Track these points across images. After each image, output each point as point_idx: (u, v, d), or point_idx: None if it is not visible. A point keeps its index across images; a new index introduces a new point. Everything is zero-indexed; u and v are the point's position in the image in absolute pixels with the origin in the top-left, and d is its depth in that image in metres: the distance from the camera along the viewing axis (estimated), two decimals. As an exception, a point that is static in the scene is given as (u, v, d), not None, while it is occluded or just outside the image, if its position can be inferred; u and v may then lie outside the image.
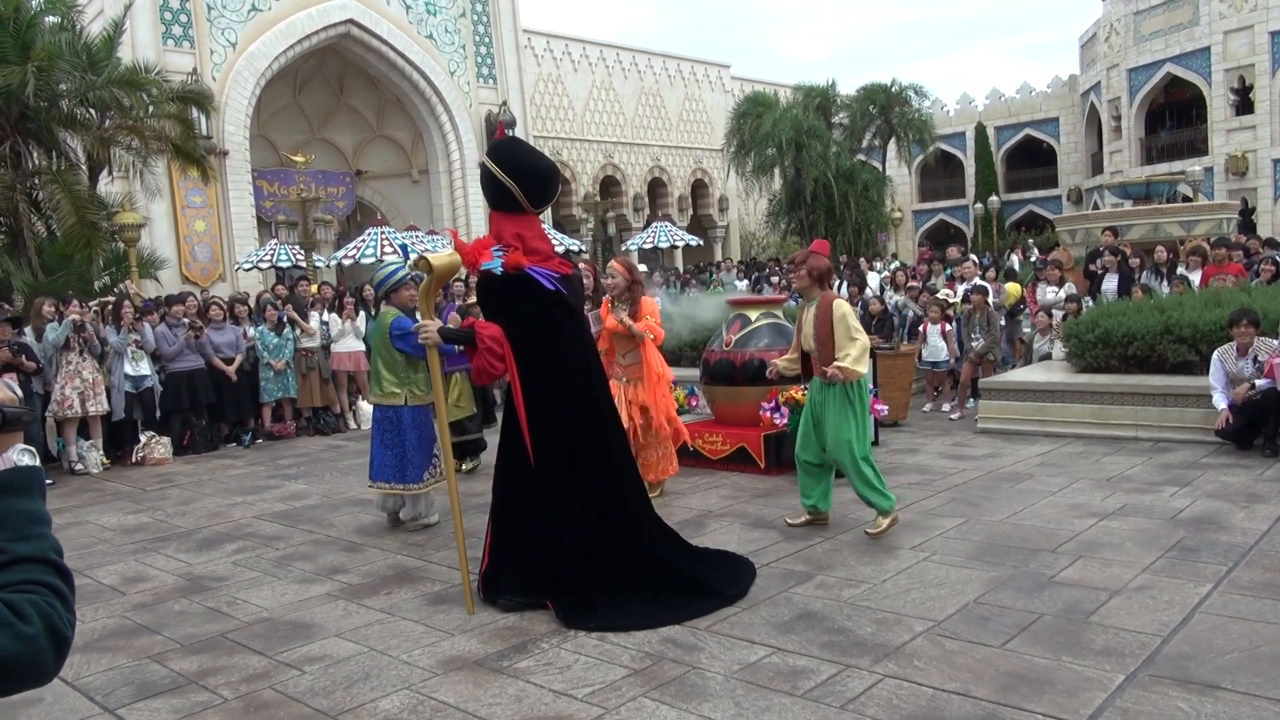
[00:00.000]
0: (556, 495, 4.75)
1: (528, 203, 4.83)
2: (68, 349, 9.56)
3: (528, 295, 4.73)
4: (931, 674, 3.71)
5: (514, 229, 4.82)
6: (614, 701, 3.64)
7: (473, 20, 27.02)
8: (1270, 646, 3.79)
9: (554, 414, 4.78)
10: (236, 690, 3.96)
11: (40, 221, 13.89)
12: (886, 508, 5.67)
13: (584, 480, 4.79)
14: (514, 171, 4.78)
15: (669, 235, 27.02)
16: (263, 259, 20.08)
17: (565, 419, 4.79)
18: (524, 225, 4.86)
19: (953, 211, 40.96)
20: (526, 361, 4.75)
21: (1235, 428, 7.48)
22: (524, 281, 4.72)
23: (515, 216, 4.85)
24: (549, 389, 4.78)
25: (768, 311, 8.25)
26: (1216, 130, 30.47)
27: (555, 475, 4.76)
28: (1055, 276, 12.18)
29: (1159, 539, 5.31)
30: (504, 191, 4.79)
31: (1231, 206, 19.16)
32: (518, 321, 4.74)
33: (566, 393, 4.81)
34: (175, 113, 15.24)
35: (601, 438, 4.90)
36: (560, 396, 4.79)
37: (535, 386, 4.77)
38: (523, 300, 4.74)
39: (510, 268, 4.71)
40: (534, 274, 4.72)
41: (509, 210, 4.86)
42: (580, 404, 4.84)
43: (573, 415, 4.81)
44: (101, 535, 6.95)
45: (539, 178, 4.90)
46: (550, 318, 4.78)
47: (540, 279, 4.72)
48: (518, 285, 4.73)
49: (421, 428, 6.53)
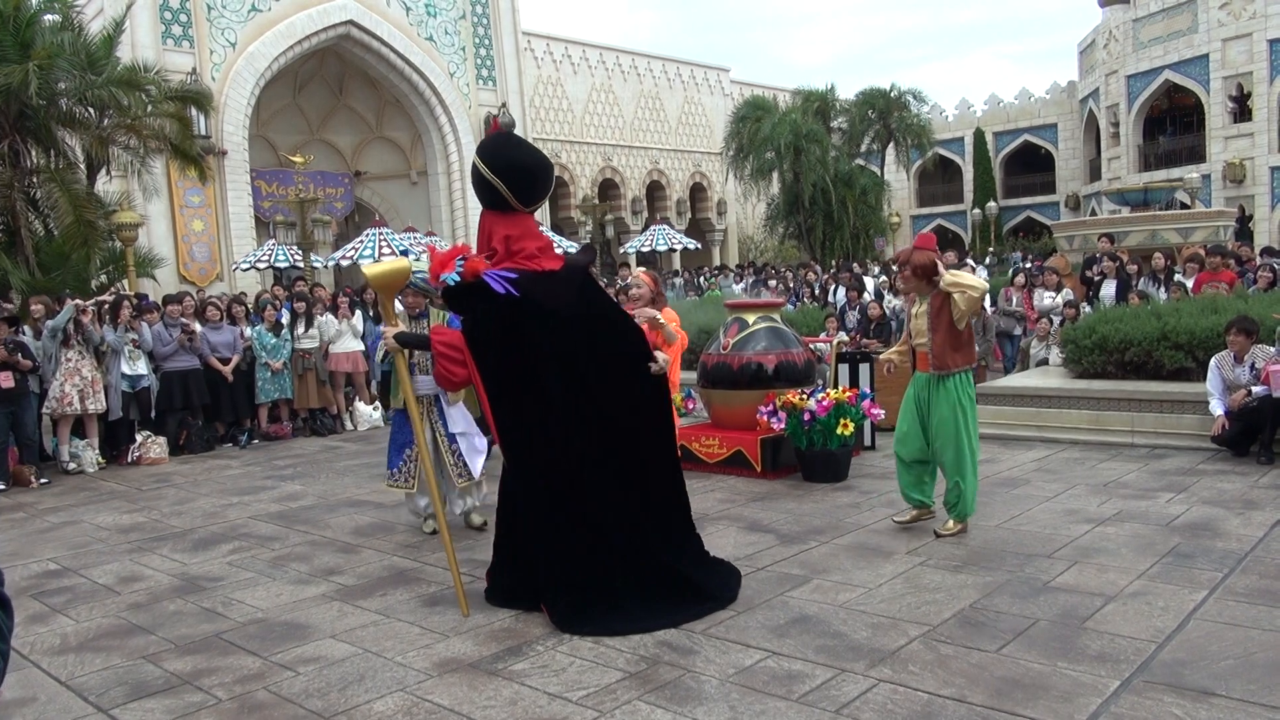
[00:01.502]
0: (536, 497, 4.64)
1: (516, 201, 4.70)
2: (67, 346, 9.56)
3: (478, 301, 4.60)
4: (927, 679, 3.71)
5: (504, 230, 4.70)
6: (609, 705, 3.63)
7: (473, 22, 27.05)
8: (1265, 653, 3.79)
9: (523, 418, 4.64)
10: (231, 691, 3.95)
11: (38, 220, 13.86)
12: (968, 513, 5.68)
13: (559, 483, 4.60)
14: (502, 169, 4.65)
15: (667, 238, 27.05)
16: (260, 259, 20.09)
17: (538, 422, 4.62)
18: (513, 225, 4.73)
19: (951, 217, 41.04)
20: (491, 367, 4.62)
21: (1231, 434, 7.49)
22: (476, 288, 4.59)
23: (505, 216, 4.73)
24: (513, 393, 4.64)
25: (765, 315, 8.25)
26: (1214, 137, 30.55)
27: (529, 477, 4.65)
28: (1053, 282, 12.21)
29: (1155, 545, 5.31)
30: (493, 190, 4.68)
31: (1229, 214, 19.22)
32: (478, 327, 4.64)
33: (536, 396, 4.62)
34: (174, 112, 15.22)
35: (590, 440, 4.66)
36: (527, 400, 4.63)
37: (498, 391, 4.65)
38: (480, 308, 4.61)
39: (468, 276, 4.59)
40: (487, 278, 4.57)
41: (498, 210, 4.74)
42: (559, 407, 4.61)
43: (548, 418, 4.61)
44: (96, 535, 6.94)
45: (528, 175, 4.73)
46: (509, 321, 4.57)
47: (490, 282, 4.55)
48: (474, 294, 4.61)
49: (395, 429, 6.55)
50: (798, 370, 7.88)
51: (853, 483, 7.33)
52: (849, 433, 7.32)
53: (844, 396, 7.47)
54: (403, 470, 6.39)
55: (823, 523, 6.16)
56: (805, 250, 29.52)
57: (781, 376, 7.79)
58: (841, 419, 7.27)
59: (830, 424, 7.26)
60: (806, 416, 7.27)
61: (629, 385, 4.83)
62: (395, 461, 6.45)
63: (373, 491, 7.99)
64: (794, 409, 7.36)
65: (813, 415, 7.26)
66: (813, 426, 7.28)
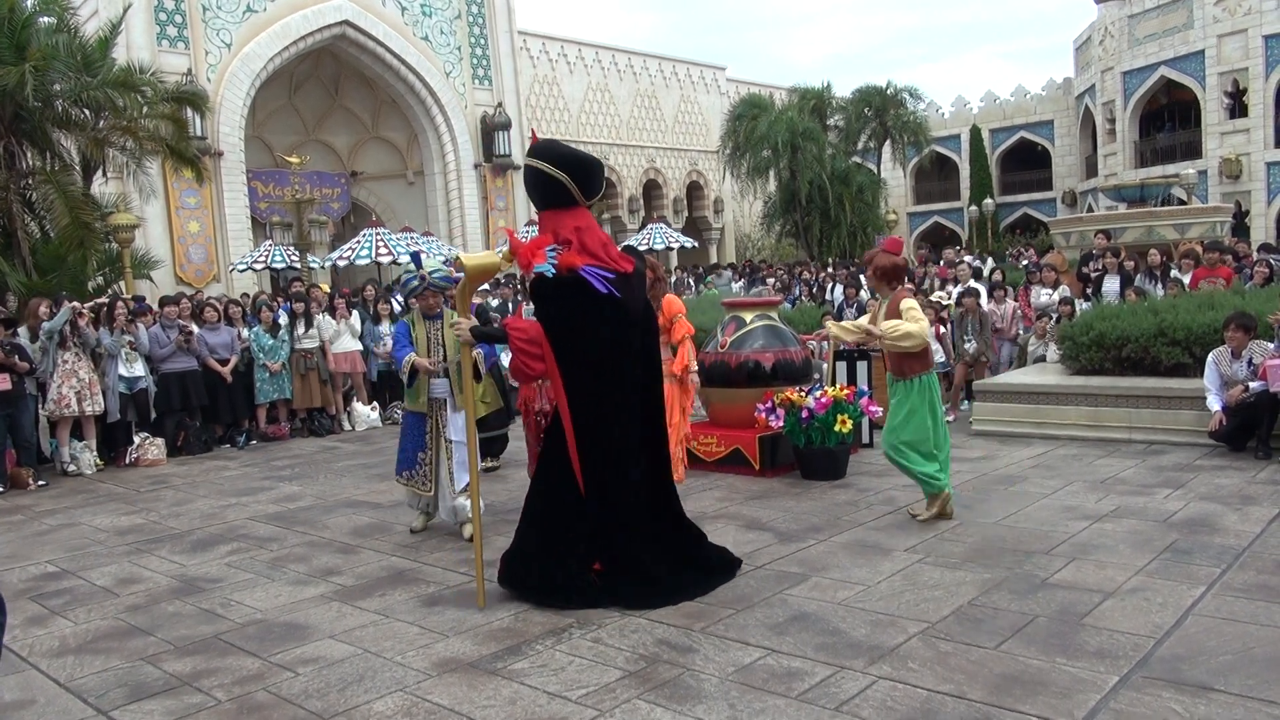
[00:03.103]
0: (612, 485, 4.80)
1: (580, 194, 4.87)
2: (63, 348, 9.55)
3: (579, 297, 4.71)
4: (926, 676, 3.72)
5: (572, 223, 4.84)
6: (608, 704, 3.64)
7: (468, 22, 27.02)
8: (1263, 648, 3.80)
9: (602, 411, 4.78)
10: (230, 692, 3.95)
11: (34, 222, 13.83)
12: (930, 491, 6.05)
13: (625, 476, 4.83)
14: (563, 164, 4.85)
15: (664, 237, 27.04)
16: (257, 260, 20.06)
17: (614, 415, 4.80)
18: (579, 218, 4.90)
19: (947, 214, 41.03)
20: (573, 362, 4.75)
21: (1228, 430, 7.51)
22: (575, 284, 4.70)
23: (570, 211, 4.88)
24: (596, 390, 4.77)
25: (763, 313, 8.24)
26: (1210, 133, 30.57)
27: (604, 466, 4.80)
28: (1050, 279, 12.22)
29: (1152, 541, 5.32)
30: (555, 187, 4.83)
31: (1225, 210, 19.23)
32: (568, 323, 4.74)
33: (615, 394, 4.80)
34: (169, 113, 15.19)
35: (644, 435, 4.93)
36: (608, 397, 4.78)
37: (582, 388, 4.76)
38: (574, 302, 4.72)
39: (563, 269, 4.70)
40: (586, 274, 4.70)
41: (562, 206, 4.88)
42: (629, 405, 4.85)
43: (620, 415, 4.82)
44: (95, 536, 6.94)
45: (587, 167, 4.98)
46: (602, 319, 4.75)
47: (592, 280, 4.70)
48: (569, 287, 4.71)
49: (405, 430, 6.54)
50: (795, 368, 7.88)
51: (851, 480, 7.34)
52: (847, 430, 7.32)
53: (842, 394, 7.47)
54: (419, 473, 6.40)
55: (821, 520, 6.17)
56: (803, 248, 29.53)
57: (779, 374, 7.79)
58: (840, 416, 7.28)
59: (828, 421, 7.26)
60: (805, 413, 7.28)
61: (659, 381, 5.25)
62: (410, 464, 6.43)
63: (371, 492, 7.99)
64: (793, 406, 7.37)
65: (811, 412, 7.26)
66: (811, 424, 7.28)
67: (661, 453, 5.14)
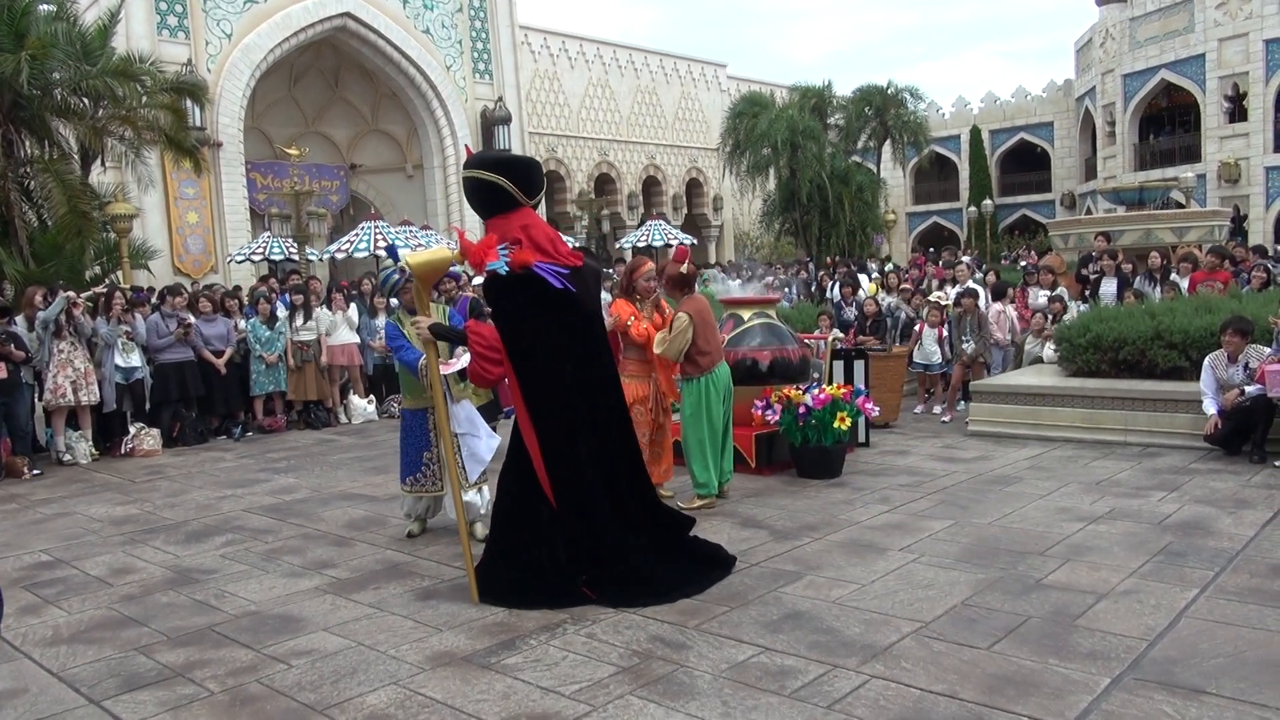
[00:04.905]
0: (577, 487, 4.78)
1: (522, 195, 4.85)
2: (59, 337, 9.53)
3: (533, 294, 4.70)
4: (918, 675, 3.72)
5: (518, 223, 4.81)
6: (601, 699, 3.64)
7: (470, 15, 26.98)
8: (1256, 651, 3.81)
9: (559, 414, 4.76)
10: (223, 683, 3.95)
11: (32, 211, 13.79)
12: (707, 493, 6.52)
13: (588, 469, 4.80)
14: (499, 168, 4.86)
15: (663, 234, 27.03)
16: (255, 251, 20.02)
17: (571, 418, 4.77)
18: (525, 217, 4.88)
19: (946, 214, 41.07)
20: (530, 362, 4.73)
21: (1224, 434, 7.52)
22: (529, 280, 4.69)
23: (514, 213, 4.85)
24: (554, 390, 4.75)
25: (760, 311, 8.23)
26: (1210, 137, 30.59)
27: (568, 466, 4.77)
28: (1048, 281, 12.23)
29: (1147, 543, 5.33)
30: (495, 192, 4.80)
31: (1223, 213, 19.25)
32: (522, 321, 4.72)
33: (573, 393, 4.78)
34: (168, 103, 15.17)
35: (605, 433, 4.91)
36: (566, 397, 4.77)
37: (538, 388, 4.75)
38: (528, 299, 4.70)
39: (516, 266, 4.68)
40: (540, 270, 4.69)
41: (507, 209, 4.85)
42: (587, 402, 4.83)
43: (578, 412, 4.80)
44: (89, 526, 6.93)
45: (524, 168, 4.98)
46: (559, 313, 4.75)
47: (546, 275, 4.69)
48: (523, 284, 4.70)
49: (406, 431, 6.26)
50: (793, 366, 7.88)
51: (846, 479, 7.34)
52: (845, 427, 7.32)
53: (839, 393, 7.48)
54: (425, 473, 6.08)
55: (816, 519, 6.17)
56: (801, 247, 29.52)
57: (776, 373, 7.78)
58: (838, 413, 7.28)
59: (825, 419, 7.26)
60: (802, 409, 7.28)
61: (615, 378, 5.26)
62: (415, 468, 6.10)
63: (366, 485, 7.99)
64: (790, 403, 7.37)
65: (808, 408, 7.26)
66: (807, 422, 7.29)
67: (629, 442, 5.13)
